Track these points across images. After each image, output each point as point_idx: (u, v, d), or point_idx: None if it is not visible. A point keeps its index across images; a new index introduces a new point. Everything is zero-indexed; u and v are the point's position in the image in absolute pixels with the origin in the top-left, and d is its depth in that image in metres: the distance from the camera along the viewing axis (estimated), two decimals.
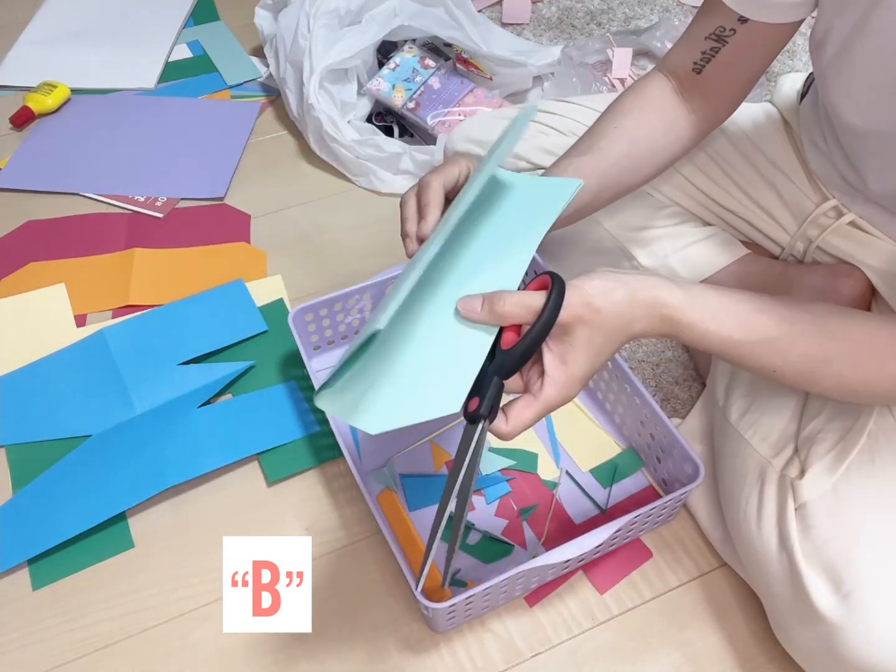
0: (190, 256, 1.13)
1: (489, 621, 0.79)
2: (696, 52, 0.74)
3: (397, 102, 1.26)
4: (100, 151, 1.28)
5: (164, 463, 0.87)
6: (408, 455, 0.90)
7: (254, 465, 0.90)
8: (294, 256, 1.13)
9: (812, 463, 0.70)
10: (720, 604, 0.80)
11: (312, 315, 0.93)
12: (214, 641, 0.78)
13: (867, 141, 0.71)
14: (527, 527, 0.84)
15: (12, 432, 0.92)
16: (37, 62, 1.44)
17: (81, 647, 0.78)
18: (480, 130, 1.00)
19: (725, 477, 0.79)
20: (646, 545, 0.84)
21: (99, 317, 1.05)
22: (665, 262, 0.93)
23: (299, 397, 0.95)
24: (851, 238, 0.84)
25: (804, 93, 0.88)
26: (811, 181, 0.86)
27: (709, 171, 0.92)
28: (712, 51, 0.72)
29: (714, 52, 0.72)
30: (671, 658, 0.77)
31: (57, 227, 1.17)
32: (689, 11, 1.58)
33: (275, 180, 1.26)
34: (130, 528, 0.85)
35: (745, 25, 0.70)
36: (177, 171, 1.26)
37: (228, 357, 0.99)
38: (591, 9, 1.59)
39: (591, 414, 0.94)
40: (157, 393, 0.94)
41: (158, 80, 1.43)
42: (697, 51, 0.73)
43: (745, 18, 0.69)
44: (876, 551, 0.64)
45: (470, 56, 1.32)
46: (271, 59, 1.33)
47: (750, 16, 0.69)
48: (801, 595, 0.65)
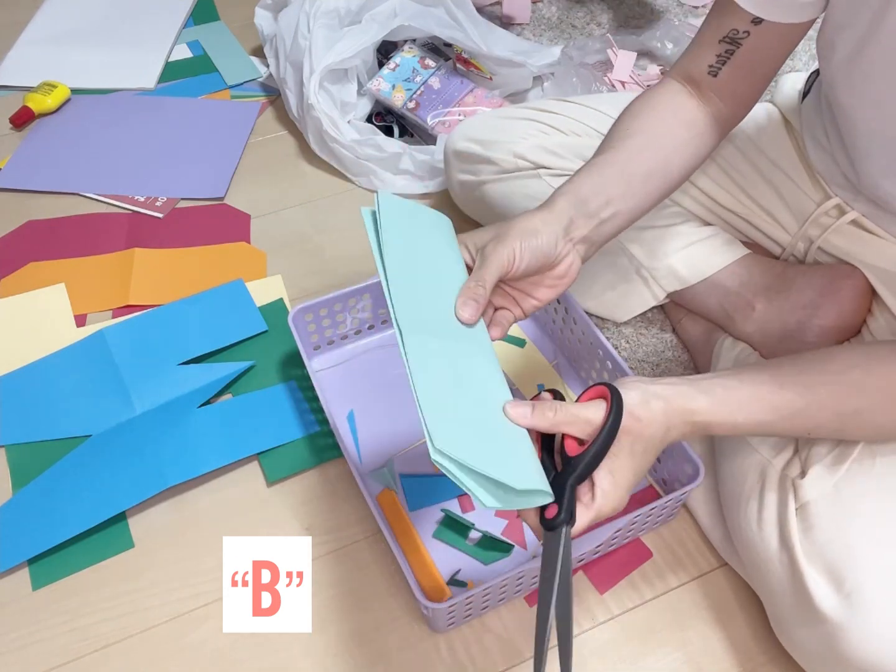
0: (190, 256, 1.13)
1: (489, 621, 0.79)
2: (711, 56, 0.73)
3: (397, 102, 1.26)
4: (100, 151, 1.28)
5: (164, 463, 0.87)
6: (408, 455, 0.90)
7: (254, 465, 0.90)
8: (294, 256, 1.13)
9: (813, 463, 0.70)
10: (720, 604, 0.80)
11: (312, 315, 0.93)
12: (214, 641, 0.78)
13: (876, 139, 0.71)
14: (527, 527, 0.84)
15: (12, 432, 0.92)
16: (37, 62, 1.44)
17: (81, 647, 0.78)
18: (480, 130, 1.00)
19: (726, 477, 0.79)
20: (646, 545, 0.84)
21: (99, 317, 1.05)
22: (665, 261, 0.93)
23: (299, 397, 0.95)
24: (853, 237, 0.84)
25: (806, 92, 0.88)
26: (813, 180, 0.86)
27: (709, 171, 0.92)
28: (727, 53, 0.72)
29: (729, 55, 0.72)
30: (671, 658, 0.77)
31: (57, 227, 1.17)
32: (688, 11, 1.58)
33: (275, 180, 1.26)
34: (130, 528, 0.85)
35: (759, 27, 0.69)
36: (177, 171, 1.26)
37: (228, 357, 0.99)
38: (591, 9, 1.59)
39: None
40: (156, 393, 0.94)
41: (158, 80, 1.42)
42: (712, 54, 0.73)
43: (758, 20, 0.69)
44: (878, 551, 0.64)
45: (470, 56, 1.32)
46: (271, 59, 1.33)
47: (764, 16, 0.69)
48: (803, 595, 0.65)
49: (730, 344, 0.92)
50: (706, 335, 0.97)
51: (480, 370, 0.61)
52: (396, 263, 0.62)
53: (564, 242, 0.65)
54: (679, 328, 1.02)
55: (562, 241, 0.65)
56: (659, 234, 0.93)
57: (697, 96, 0.76)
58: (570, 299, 0.91)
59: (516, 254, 0.62)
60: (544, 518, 0.57)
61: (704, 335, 0.97)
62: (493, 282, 0.62)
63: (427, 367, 0.57)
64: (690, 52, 0.76)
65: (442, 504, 0.85)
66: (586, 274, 0.98)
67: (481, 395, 0.59)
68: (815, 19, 0.71)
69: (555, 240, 0.64)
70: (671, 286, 0.94)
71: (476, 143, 0.99)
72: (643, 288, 0.96)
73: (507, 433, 0.58)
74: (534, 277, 0.66)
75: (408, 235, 0.65)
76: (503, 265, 0.62)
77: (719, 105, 0.75)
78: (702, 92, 0.75)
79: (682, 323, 1.01)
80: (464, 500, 0.86)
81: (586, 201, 0.67)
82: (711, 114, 0.76)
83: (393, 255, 0.62)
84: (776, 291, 0.89)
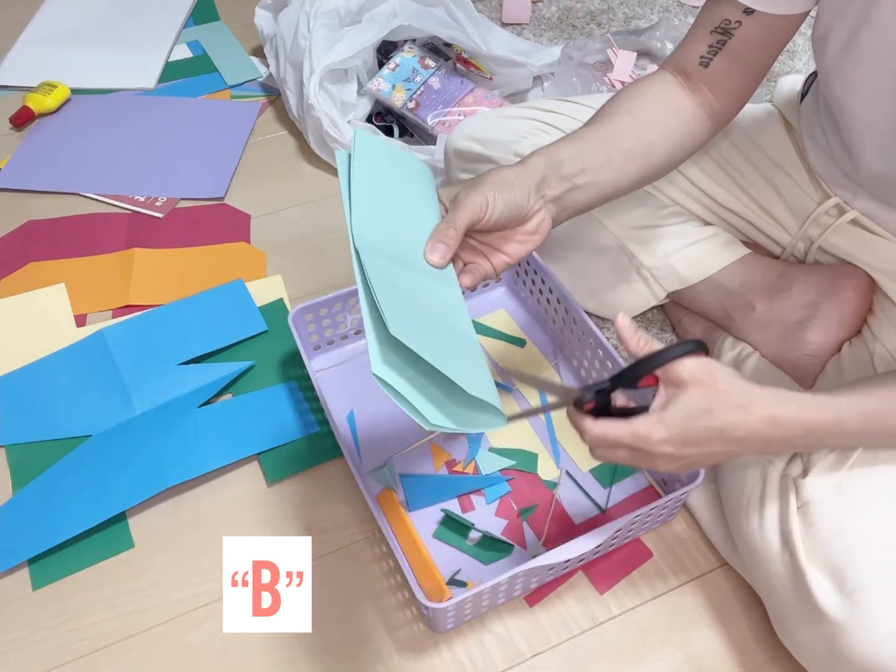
0: (190, 256, 1.13)
1: (489, 621, 0.79)
2: (703, 46, 0.73)
3: (397, 102, 1.25)
4: (100, 151, 1.28)
5: (164, 463, 0.87)
6: (408, 455, 0.89)
7: (254, 465, 0.90)
8: (294, 256, 1.13)
9: (815, 462, 0.70)
10: (720, 604, 0.80)
11: (312, 315, 0.93)
12: (214, 641, 0.78)
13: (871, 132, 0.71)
14: (527, 527, 0.84)
15: (12, 432, 0.92)
16: (37, 62, 1.44)
17: (81, 647, 0.78)
18: (481, 129, 1.00)
19: (727, 477, 0.79)
20: (646, 545, 0.84)
21: (99, 317, 1.05)
22: (666, 261, 0.93)
23: (299, 397, 0.95)
24: (853, 237, 0.84)
25: (804, 93, 0.88)
26: (813, 180, 0.86)
27: (710, 172, 0.92)
28: (719, 44, 0.72)
29: (721, 45, 0.72)
30: (671, 658, 0.77)
31: (57, 227, 1.17)
32: (689, 11, 1.58)
33: (275, 180, 1.26)
34: (130, 528, 0.85)
35: (751, 17, 0.70)
36: (177, 171, 1.26)
37: (228, 357, 0.99)
38: (591, 9, 1.59)
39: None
40: (157, 393, 0.94)
41: (158, 80, 1.43)
42: (704, 44, 0.73)
43: (750, 10, 0.69)
44: (879, 550, 0.64)
45: (470, 56, 1.32)
46: (271, 59, 1.33)
47: (756, 6, 0.69)
48: (804, 594, 0.65)
49: (730, 344, 0.92)
50: (706, 335, 0.97)
51: (446, 303, 0.59)
52: (365, 197, 0.61)
53: (536, 198, 0.66)
54: (679, 328, 1.02)
55: (534, 195, 0.66)
56: (659, 233, 0.93)
57: (688, 87, 0.76)
58: (571, 299, 0.91)
59: (489, 201, 0.62)
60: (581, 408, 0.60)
61: (704, 335, 0.97)
62: (464, 225, 0.62)
63: (384, 277, 0.56)
64: (683, 44, 0.76)
65: (442, 504, 0.85)
66: (586, 274, 0.99)
67: (444, 319, 0.58)
68: (808, 13, 0.71)
69: (527, 193, 0.65)
70: (671, 286, 0.94)
71: (476, 142, 0.99)
72: (643, 287, 0.96)
73: (466, 352, 0.57)
74: (504, 232, 0.66)
75: (382, 174, 0.64)
76: (476, 210, 0.62)
77: (710, 97, 0.75)
78: (693, 83, 0.75)
79: (682, 323, 1.01)
80: (464, 500, 0.86)
81: (561, 164, 0.68)
82: (702, 105, 0.75)
83: (362, 189, 0.61)
84: (777, 291, 0.89)
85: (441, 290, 0.61)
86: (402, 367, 0.54)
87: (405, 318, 0.54)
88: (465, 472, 0.88)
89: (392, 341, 0.53)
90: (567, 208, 0.69)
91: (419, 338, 0.53)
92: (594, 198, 0.71)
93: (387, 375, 0.52)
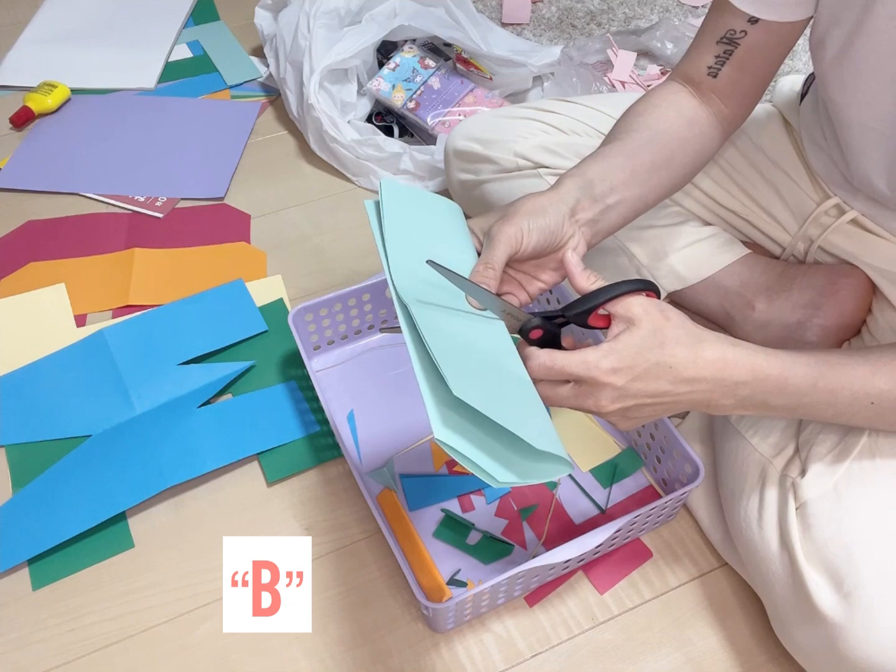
0: (190, 256, 1.13)
1: (489, 621, 0.79)
2: (710, 57, 0.74)
3: (397, 102, 1.26)
4: (100, 151, 1.28)
5: (164, 463, 0.87)
6: (408, 455, 0.90)
7: (254, 465, 0.90)
8: (294, 256, 1.13)
9: (813, 462, 0.70)
10: (720, 604, 0.80)
11: (312, 315, 0.93)
12: (214, 641, 0.78)
13: (868, 136, 0.71)
14: (527, 527, 0.84)
15: (12, 432, 0.92)
16: (37, 62, 1.44)
17: (81, 647, 0.78)
18: (481, 129, 1.00)
19: (726, 477, 0.79)
20: (646, 545, 0.84)
21: (99, 317, 1.05)
22: (665, 261, 0.93)
23: (299, 397, 0.95)
24: (853, 237, 0.84)
25: (804, 93, 0.88)
26: (812, 180, 0.86)
27: (710, 172, 0.92)
28: (726, 53, 0.73)
29: (728, 55, 0.73)
30: (671, 658, 0.77)
31: (57, 227, 1.17)
32: (688, 11, 1.58)
33: (275, 180, 1.26)
34: (130, 528, 0.85)
35: (755, 26, 0.70)
36: (177, 171, 1.26)
37: (228, 357, 0.99)
38: (591, 9, 1.59)
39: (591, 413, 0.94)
40: (156, 393, 0.94)
41: (158, 80, 1.43)
42: (711, 55, 0.74)
43: (754, 19, 0.70)
44: (877, 550, 0.64)
45: (470, 56, 1.32)
46: (271, 59, 1.33)
47: (759, 15, 0.69)
48: (803, 594, 0.65)
49: None
50: None
51: (495, 344, 0.59)
52: (399, 247, 0.60)
53: (570, 223, 0.65)
54: None
55: (568, 221, 0.65)
56: (659, 233, 0.93)
57: (698, 97, 0.76)
58: (570, 299, 0.91)
59: (524, 233, 0.61)
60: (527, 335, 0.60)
61: None
62: (502, 263, 0.61)
63: (437, 331, 0.55)
64: (689, 55, 0.76)
65: (442, 504, 0.85)
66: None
67: (497, 363, 0.57)
68: (810, 18, 0.71)
69: (561, 219, 0.64)
70: (671, 286, 0.94)
71: (476, 142, 0.99)
72: None
73: (524, 399, 0.56)
74: (539, 260, 0.66)
75: (412, 221, 0.63)
76: (511, 245, 0.61)
77: (720, 105, 0.76)
78: (702, 93, 0.76)
79: None
80: (464, 500, 0.86)
81: (592, 184, 0.67)
82: (713, 113, 0.76)
83: (395, 239, 0.60)
84: (776, 291, 0.89)
85: (488, 331, 0.60)
86: (464, 425, 0.53)
87: (463, 373, 0.53)
88: (465, 472, 0.88)
89: (451, 400, 0.52)
90: (600, 231, 0.69)
91: (480, 393, 0.52)
92: (625, 216, 0.71)
93: (450, 439, 0.51)
